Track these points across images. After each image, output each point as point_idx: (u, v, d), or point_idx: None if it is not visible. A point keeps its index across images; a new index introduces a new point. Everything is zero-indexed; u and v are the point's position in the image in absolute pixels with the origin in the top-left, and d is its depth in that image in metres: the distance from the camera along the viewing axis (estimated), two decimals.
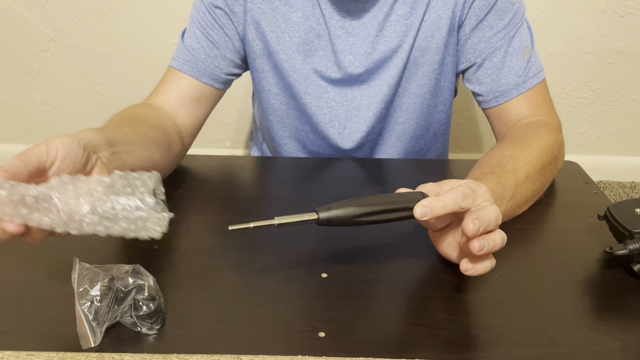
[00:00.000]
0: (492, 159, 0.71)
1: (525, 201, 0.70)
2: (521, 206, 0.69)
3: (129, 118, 0.76)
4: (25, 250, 0.63)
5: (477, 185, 0.54)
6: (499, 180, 0.65)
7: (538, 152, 0.72)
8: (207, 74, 0.87)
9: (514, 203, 0.66)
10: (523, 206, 0.70)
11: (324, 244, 0.64)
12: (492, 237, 0.52)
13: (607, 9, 1.71)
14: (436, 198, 0.52)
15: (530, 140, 0.74)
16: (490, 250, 0.52)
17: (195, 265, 0.61)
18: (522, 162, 0.69)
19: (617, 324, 0.52)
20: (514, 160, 0.69)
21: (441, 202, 0.52)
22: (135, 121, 0.75)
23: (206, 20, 0.86)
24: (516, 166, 0.68)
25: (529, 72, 0.83)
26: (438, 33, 0.85)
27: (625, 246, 0.57)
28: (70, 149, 0.53)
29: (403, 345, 0.49)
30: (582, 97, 1.87)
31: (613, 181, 2.00)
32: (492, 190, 0.63)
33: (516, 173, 0.67)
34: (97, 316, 0.49)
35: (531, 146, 0.73)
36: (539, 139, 0.74)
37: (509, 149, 0.73)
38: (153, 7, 1.78)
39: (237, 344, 0.49)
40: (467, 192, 0.53)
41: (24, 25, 1.82)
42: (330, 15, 0.85)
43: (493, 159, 0.71)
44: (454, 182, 0.56)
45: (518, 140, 0.75)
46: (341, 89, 0.90)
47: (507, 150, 0.72)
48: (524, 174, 0.68)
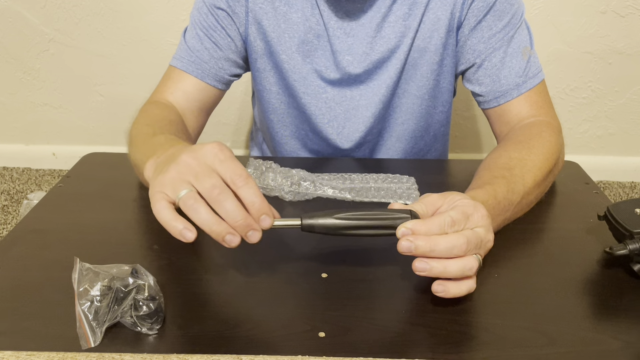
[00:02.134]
0: (500, 161, 0.71)
1: (529, 204, 0.70)
2: (524, 209, 0.70)
3: (175, 123, 0.78)
4: (26, 250, 0.63)
5: (475, 209, 0.53)
6: (509, 185, 0.65)
7: (544, 154, 0.72)
8: (211, 75, 0.87)
9: (519, 209, 0.67)
10: (526, 209, 0.70)
11: (324, 244, 0.64)
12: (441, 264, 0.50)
13: (607, 9, 1.71)
14: (421, 222, 0.51)
15: (535, 142, 0.74)
16: (431, 274, 0.50)
17: (195, 265, 0.61)
18: (529, 165, 0.70)
19: (617, 324, 0.52)
20: (521, 163, 0.70)
21: (425, 227, 0.50)
22: (180, 125, 0.79)
23: (208, 21, 0.87)
24: (524, 170, 0.69)
25: (529, 73, 0.83)
26: (437, 34, 0.85)
27: (625, 246, 0.57)
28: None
29: (403, 345, 0.49)
30: (582, 97, 1.87)
31: (613, 181, 2.00)
32: (503, 197, 0.63)
33: (524, 178, 0.68)
34: (97, 316, 0.49)
35: (537, 148, 0.73)
36: (544, 141, 0.75)
37: (515, 150, 0.73)
38: (153, 7, 1.78)
39: (237, 344, 0.49)
40: (458, 219, 0.51)
41: (24, 25, 1.83)
42: (328, 15, 0.85)
43: (500, 161, 0.71)
44: (455, 199, 0.55)
45: (523, 142, 0.75)
46: (340, 89, 0.90)
47: (514, 152, 0.72)
48: (531, 178, 0.68)
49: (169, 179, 0.51)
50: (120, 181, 0.79)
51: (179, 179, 0.51)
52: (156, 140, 0.67)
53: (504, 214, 0.64)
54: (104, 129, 2.00)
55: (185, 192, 0.50)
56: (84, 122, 2.00)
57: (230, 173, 0.51)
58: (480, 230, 0.53)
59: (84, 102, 1.96)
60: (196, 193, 0.50)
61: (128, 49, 1.84)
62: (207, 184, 0.50)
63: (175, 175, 0.51)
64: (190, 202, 0.50)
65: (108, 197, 0.75)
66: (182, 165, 0.51)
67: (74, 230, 0.67)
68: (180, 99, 0.86)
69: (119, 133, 1.99)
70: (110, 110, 1.96)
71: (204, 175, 0.50)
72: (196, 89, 0.87)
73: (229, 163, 0.51)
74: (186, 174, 0.51)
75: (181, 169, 0.51)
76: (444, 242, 0.50)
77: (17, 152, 2.06)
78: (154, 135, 0.69)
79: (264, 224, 0.51)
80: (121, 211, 0.72)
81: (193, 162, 0.51)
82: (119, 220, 0.70)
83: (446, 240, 0.50)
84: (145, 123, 0.76)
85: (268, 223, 0.51)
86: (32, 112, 1.99)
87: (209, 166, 0.51)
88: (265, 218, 0.51)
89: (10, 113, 2.00)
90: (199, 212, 0.49)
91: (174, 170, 0.52)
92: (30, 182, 1.98)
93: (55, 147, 2.05)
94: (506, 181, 0.65)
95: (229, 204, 0.49)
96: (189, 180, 0.51)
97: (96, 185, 0.78)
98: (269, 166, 0.77)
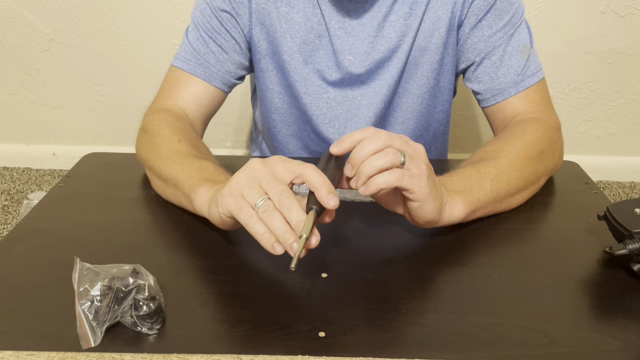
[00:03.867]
0: (475, 156, 0.74)
1: (515, 186, 0.70)
2: (512, 193, 0.69)
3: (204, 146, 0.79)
4: (26, 250, 0.63)
5: (401, 136, 0.57)
6: (474, 167, 0.68)
7: (522, 144, 0.74)
8: (218, 77, 0.87)
9: (499, 184, 0.68)
10: (515, 194, 0.70)
11: (324, 244, 0.64)
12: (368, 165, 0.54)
13: (606, 9, 1.71)
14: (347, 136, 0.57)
15: (515, 135, 0.76)
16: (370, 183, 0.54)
17: (195, 265, 0.61)
18: (504, 152, 0.72)
19: (617, 324, 0.53)
20: (496, 153, 0.72)
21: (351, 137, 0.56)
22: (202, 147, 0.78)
23: (212, 24, 0.86)
24: (497, 156, 0.71)
25: (528, 71, 0.83)
26: (437, 33, 0.85)
27: (624, 246, 0.57)
28: None
29: (403, 345, 0.49)
30: (582, 97, 1.87)
31: (612, 181, 2.00)
32: (467, 174, 0.66)
33: (496, 160, 0.70)
34: (97, 316, 0.49)
35: (514, 140, 0.75)
36: (525, 134, 0.76)
37: (492, 145, 0.75)
38: (153, 7, 1.78)
39: (237, 344, 0.49)
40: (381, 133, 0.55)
41: (24, 25, 1.83)
42: (330, 15, 0.85)
43: (475, 156, 0.74)
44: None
45: (503, 137, 0.77)
46: (341, 90, 0.90)
47: (491, 146, 0.75)
48: (505, 161, 0.70)
49: (239, 182, 0.54)
50: (120, 181, 0.79)
51: (251, 185, 0.53)
52: (203, 165, 0.69)
53: (480, 181, 0.66)
54: (104, 129, 2.00)
55: (263, 201, 0.52)
56: (84, 122, 2.00)
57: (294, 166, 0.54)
58: (408, 139, 0.57)
59: (84, 102, 1.96)
60: (271, 202, 0.52)
61: (128, 49, 1.84)
62: (277, 190, 0.52)
63: (244, 180, 0.54)
64: (270, 211, 0.52)
65: (108, 197, 0.75)
66: (249, 173, 0.54)
67: (74, 230, 0.67)
68: (191, 105, 0.86)
69: (119, 133, 1.99)
70: (110, 110, 1.96)
71: (274, 180, 0.53)
72: (205, 93, 0.87)
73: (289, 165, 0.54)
74: (255, 179, 0.54)
75: (248, 175, 0.54)
76: (368, 143, 0.54)
77: (17, 152, 2.06)
78: (198, 159, 0.70)
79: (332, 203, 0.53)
80: (121, 211, 0.72)
81: (262, 169, 0.54)
82: (119, 220, 0.70)
83: (370, 142, 0.54)
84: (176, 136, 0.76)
85: (334, 202, 0.53)
86: (32, 112, 1.99)
87: (275, 173, 0.54)
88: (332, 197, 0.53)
89: (10, 113, 2.00)
90: (275, 219, 0.51)
91: (241, 176, 0.54)
92: (31, 182, 1.99)
93: (55, 147, 2.06)
94: (472, 166, 0.69)
95: (296, 212, 0.51)
96: (259, 184, 0.53)
97: (96, 185, 0.78)
98: None
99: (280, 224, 0.51)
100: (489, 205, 0.67)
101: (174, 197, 0.70)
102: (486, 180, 0.67)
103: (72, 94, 1.95)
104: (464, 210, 0.64)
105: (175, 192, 0.69)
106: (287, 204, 0.51)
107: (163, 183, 0.71)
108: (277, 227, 0.51)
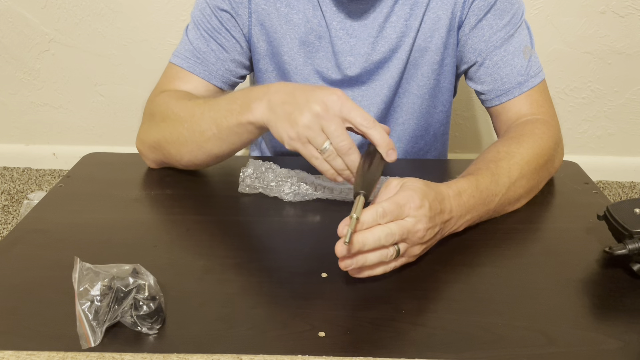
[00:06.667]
0: (488, 155, 0.73)
1: (518, 198, 0.71)
2: (513, 203, 0.70)
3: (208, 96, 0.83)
4: (26, 250, 0.63)
5: (408, 199, 0.56)
6: (492, 177, 0.67)
7: (534, 149, 0.73)
8: (218, 76, 0.87)
9: (505, 200, 0.68)
10: (515, 203, 0.71)
11: (324, 244, 0.64)
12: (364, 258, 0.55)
13: (606, 9, 1.71)
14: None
15: (527, 137, 0.76)
16: (355, 267, 0.55)
17: (195, 265, 0.61)
18: (517, 158, 0.71)
19: (617, 324, 0.53)
20: (509, 156, 0.71)
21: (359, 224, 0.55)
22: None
23: (212, 23, 0.86)
24: (510, 162, 0.70)
25: (530, 72, 0.83)
26: (437, 33, 0.85)
27: (624, 246, 0.57)
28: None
29: (403, 345, 0.49)
30: (582, 97, 1.87)
31: (612, 181, 2.00)
32: (485, 187, 0.65)
33: (510, 170, 0.69)
34: (97, 316, 0.49)
35: (527, 142, 0.74)
36: (535, 137, 0.76)
37: (504, 145, 0.74)
38: (153, 7, 1.78)
39: (237, 344, 0.49)
40: (389, 209, 0.55)
41: (24, 25, 1.83)
42: (331, 16, 0.85)
43: (488, 155, 0.73)
44: (393, 188, 0.58)
45: (515, 137, 0.76)
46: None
47: (503, 146, 0.74)
48: (517, 171, 0.70)
49: (306, 126, 0.61)
50: (121, 181, 0.79)
51: (316, 130, 0.61)
52: (229, 95, 0.73)
53: (487, 205, 0.66)
54: (104, 129, 2.00)
55: (328, 146, 0.61)
56: (84, 122, 2.00)
57: (360, 119, 0.61)
58: (410, 220, 0.56)
59: (84, 102, 1.96)
60: (333, 148, 0.61)
61: (128, 49, 1.84)
62: (339, 136, 0.61)
63: (310, 123, 0.61)
64: (333, 155, 0.62)
65: (108, 197, 0.75)
66: (314, 115, 0.61)
67: (74, 230, 0.67)
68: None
69: (119, 133, 1.99)
70: (110, 110, 1.96)
71: (337, 127, 0.61)
72: (203, 90, 0.87)
73: (355, 112, 0.61)
74: (318, 123, 0.61)
75: (313, 117, 0.61)
76: (372, 237, 0.54)
77: (17, 152, 2.06)
78: (215, 97, 0.75)
79: (391, 157, 0.62)
80: (121, 211, 0.72)
81: (324, 113, 0.61)
82: (119, 220, 0.70)
83: (373, 235, 0.54)
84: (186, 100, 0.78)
85: (394, 156, 0.62)
86: (32, 112, 2.00)
87: (338, 116, 0.61)
88: (392, 152, 0.62)
89: (10, 113, 2.00)
90: (337, 162, 0.62)
91: (307, 118, 0.61)
92: (31, 182, 1.99)
93: (55, 147, 2.06)
94: (490, 172, 0.68)
95: (353, 157, 0.61)
96: (321, 129, 0.61)
97: (96, 185, 0.78)
98: (269, 167, 0.77)
99: (341, 165, 0.62)
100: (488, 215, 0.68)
101: (216, 140, 0.72)
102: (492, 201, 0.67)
103: (72, 94, 1.95)
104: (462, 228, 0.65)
105: (219, 133, 0.71)
106: (346, 150, 0.61)
107: (200, 137, 0.73)
108: (338, 166, 0.63)
